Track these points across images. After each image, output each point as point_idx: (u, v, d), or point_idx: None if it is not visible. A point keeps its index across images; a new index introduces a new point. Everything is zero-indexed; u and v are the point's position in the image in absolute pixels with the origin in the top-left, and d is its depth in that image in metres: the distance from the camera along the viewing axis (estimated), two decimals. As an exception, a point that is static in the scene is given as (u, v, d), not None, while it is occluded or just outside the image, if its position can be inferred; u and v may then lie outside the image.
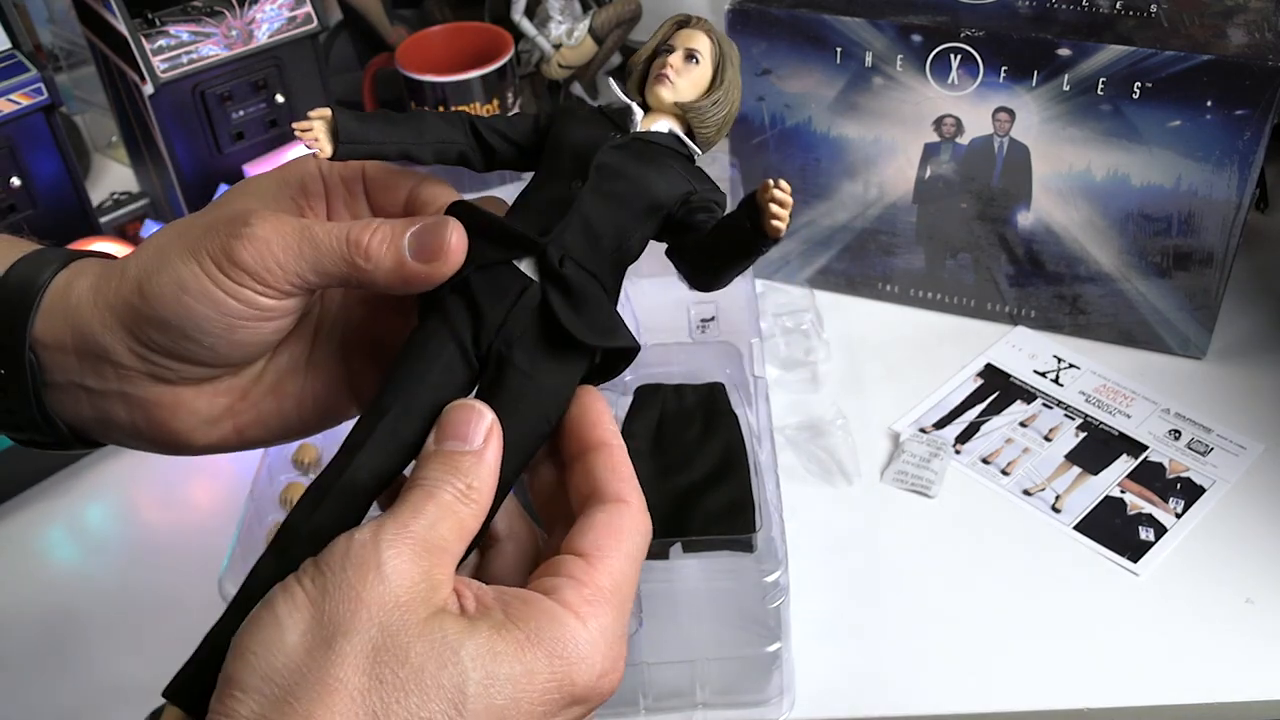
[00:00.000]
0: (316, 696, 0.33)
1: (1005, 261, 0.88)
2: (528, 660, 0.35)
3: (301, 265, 0.40)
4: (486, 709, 0.34)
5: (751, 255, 0.41)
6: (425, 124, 0.43)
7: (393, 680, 0.34)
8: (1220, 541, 0.74)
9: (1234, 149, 0.77)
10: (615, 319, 0.41)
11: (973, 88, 0.81)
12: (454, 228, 0.40)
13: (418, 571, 0.36)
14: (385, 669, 0.34)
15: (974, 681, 0.67)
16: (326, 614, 0.34)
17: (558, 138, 0.43)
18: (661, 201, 0.42)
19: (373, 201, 0.46)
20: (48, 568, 0.77)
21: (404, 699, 0.33)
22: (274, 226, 0.41)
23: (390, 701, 0.33)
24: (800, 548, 0.72)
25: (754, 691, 0.66)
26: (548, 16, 1.06)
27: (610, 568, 0.38)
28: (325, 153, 0.41)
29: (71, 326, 0.43)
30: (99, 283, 0.43)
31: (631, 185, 0.42)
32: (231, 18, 0.89)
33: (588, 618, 0.37)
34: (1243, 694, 0.66)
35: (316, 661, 0.34)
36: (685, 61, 0.43)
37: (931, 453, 0.79)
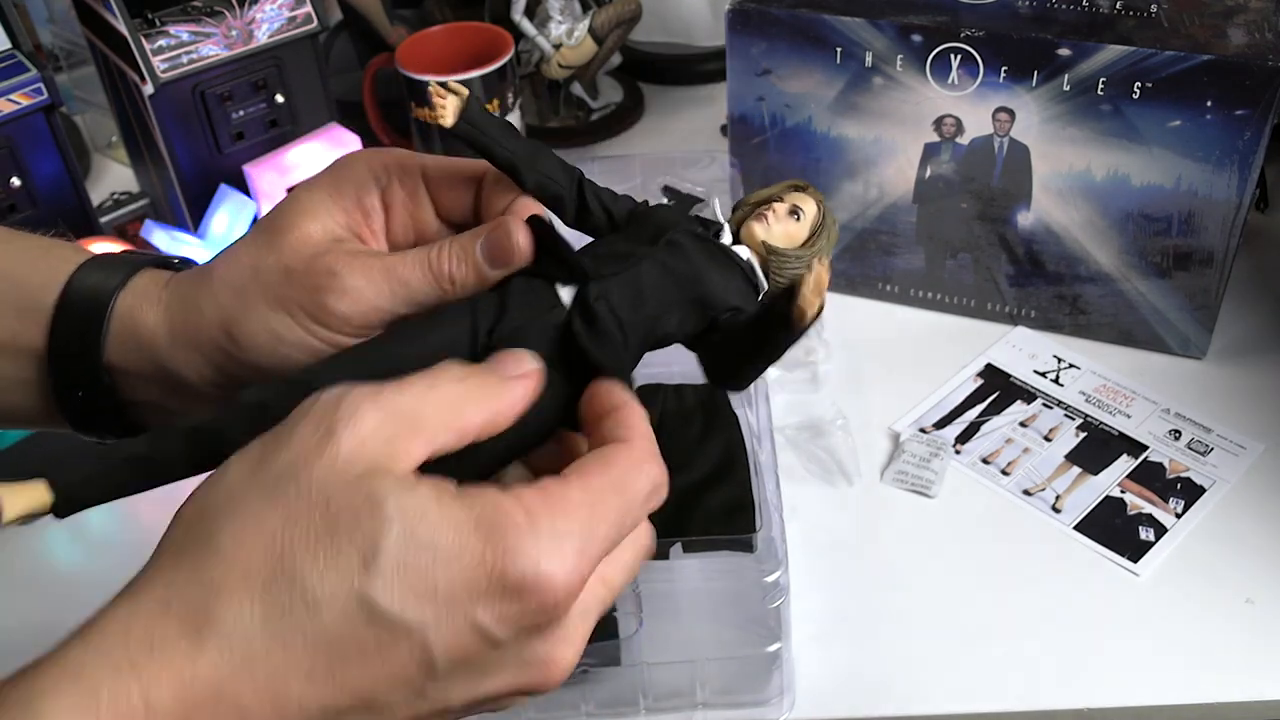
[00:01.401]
0: (229, 523, 0.33)
1: (1005, 261, 0.88)
2: (460, 537, 0.33)
3: (395, 304, 0.42)
4: (398, 568, 0.33)
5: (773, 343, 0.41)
6: (542, 155, 0.45)
7: (307, 524, 0.33)
8: (1220, 541, 0.74)
9: (1234, 149, 0.77)
10: (625, 361, 0.42)
11: (973, 88, 0.81)
12: (519, 229, 0.41)
13: (377, 437, 0.34)
14: (302, 511, 0.33)
15: (974, 681, 0.67)
16: (268, 456, 0.34)
17: (649, 214, 0.45)
18: (713, 301, 0.43)
19: (437, 200, 0.46)
20: (48, 568, 0.77)
21: (314, 544, 0.33)
22: (363, 274, 0.41)
23: (299, 545, 0.33)
24: (800, 548, 0.72)
25: (754, 691, 0.66)
26: (548, 16, 1.06)
27: (587, 484, 0.36)
28: (446, 121, 0.44)
29: (150, 360, 0.43)
30: (172, 317, 0.43)
31: (692, 271, 0.43)
32: (231, 18, 0.89)
33: (539, 516, 0.34)
34: (1243, 694, 0.66)
35: (241, 494, 0.34)
36: (788, 214, 0.45)
37: (931, 453, 0.79)
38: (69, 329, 0.44)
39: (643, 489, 0.38)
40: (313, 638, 0.32)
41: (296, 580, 0.32)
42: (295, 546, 0.33)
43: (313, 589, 0.32)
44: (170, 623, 0.32)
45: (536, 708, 0.66)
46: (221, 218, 0.90)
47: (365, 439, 0.34)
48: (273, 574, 0.32)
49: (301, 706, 0.32)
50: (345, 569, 0.32)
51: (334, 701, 0.33)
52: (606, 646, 0.64)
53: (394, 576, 0.32)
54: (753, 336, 0.42)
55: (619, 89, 1.17)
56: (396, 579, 0.32)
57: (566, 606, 0.35)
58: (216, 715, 0.31)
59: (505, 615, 0.34)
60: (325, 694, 0.32)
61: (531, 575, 0.34)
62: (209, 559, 0.33)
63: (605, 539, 0.36)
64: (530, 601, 0.34)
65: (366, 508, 0.33)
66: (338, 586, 0.32)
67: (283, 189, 0.91)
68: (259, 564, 0.32)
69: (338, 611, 0.32)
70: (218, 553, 0.33)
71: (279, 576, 0.32)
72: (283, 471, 0.34)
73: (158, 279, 0.45)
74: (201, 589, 0.32)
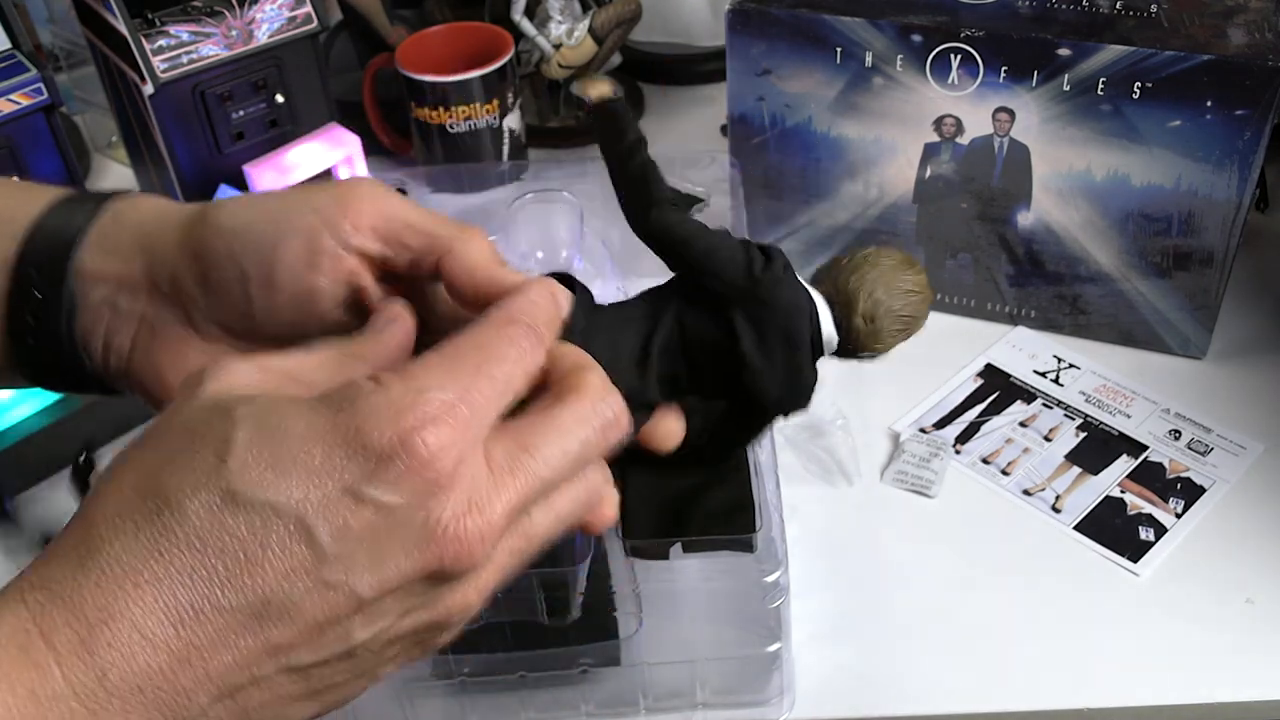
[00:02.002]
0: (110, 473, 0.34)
1: (1005, 261, 0.88)
2: (311, 413, 0.33)
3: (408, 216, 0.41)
4: (252, 456, 0.32)
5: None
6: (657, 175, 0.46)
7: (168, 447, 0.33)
8: (1220, 541, 0.74)
9: (1234, 149, 0.77)
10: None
11: (973, 88, 0.81)
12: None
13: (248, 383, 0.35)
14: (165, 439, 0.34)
15: (974, 681, 0.67)
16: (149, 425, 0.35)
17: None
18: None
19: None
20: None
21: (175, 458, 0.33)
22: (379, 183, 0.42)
23: (163, 464, 0.33)
24: (800, 548, 0.72)
25: (754, 691, 0.66)
26: (548, 16, 1.06)
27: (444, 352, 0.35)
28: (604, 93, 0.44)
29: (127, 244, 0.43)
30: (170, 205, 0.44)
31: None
32: (231, 18, 0.89)
33: (391, 381, 0.34)
34: (1243, 694, 0.66)
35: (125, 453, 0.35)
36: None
37: (931, 453, 0.79)
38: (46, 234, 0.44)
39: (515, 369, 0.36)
40: (184, 540, 0.32)
41: (159, 492, 0.33)
42: (160, 464, 0.33)
43: (174, 494, 0.32)
44: (57, 561, 0.33)
45: (536, 708, 0.66)
46: (221, 218, 0.90)
47: (234, 380, 0.35)
48: (139, 492, 0.33)
49: (195, 611, 0.32)
50: (202, 468, 0.32)
51: (226, 601, 0.32)
52: (606, 646, 0.64)
53: (249, 462, 0.32)
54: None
55: (619, 89, 1.17)
56: (252, 464, 0.32)
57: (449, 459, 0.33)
58: (113, 636, 0.31)
59: (382, 478, 0.33)
60: (214, 594, 0.32)
61: (390, 426, 0.33)
62: (88, 503, 0.34)
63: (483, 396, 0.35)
64: (401, 456, 0.33)
65: (219, 414, 0.34)
66: (197, 485, 0.32)
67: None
68: (129, 489, 0.33)
69: (201, 508, 0.32)
70: (96, 495, 0.34)
71: (145, 492, 0.33)
72: (158, 421, 0.35)
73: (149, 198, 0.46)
74: (82, 527, 0.33)
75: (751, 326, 0.43)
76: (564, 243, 0.82)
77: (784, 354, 0.44)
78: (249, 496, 0.32)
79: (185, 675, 0.32)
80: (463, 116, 0.98)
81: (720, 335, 0.43)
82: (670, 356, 0.44)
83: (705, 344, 0.43)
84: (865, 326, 0.47)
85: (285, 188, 0.42)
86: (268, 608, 0.32)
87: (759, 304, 0.43)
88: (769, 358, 0.44)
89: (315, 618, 0.33)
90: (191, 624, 0.32)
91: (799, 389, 0.46)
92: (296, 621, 0.32)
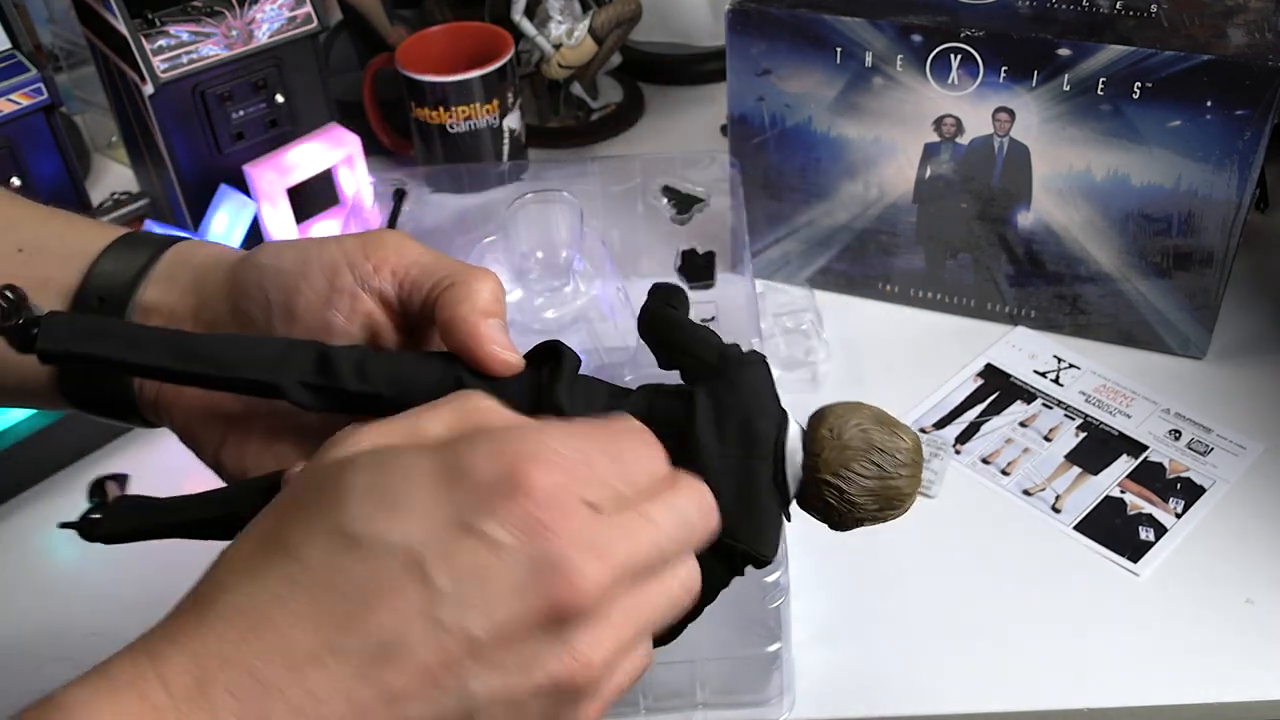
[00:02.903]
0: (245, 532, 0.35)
1: (1005, 261, 0.88)
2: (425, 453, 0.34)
3: (421, 258, 0.42)
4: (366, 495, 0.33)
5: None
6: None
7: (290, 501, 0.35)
8: (1220, 541, 0.74)
9: (1234, 149, 0.77)
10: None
11: (973, 88, 0.81)
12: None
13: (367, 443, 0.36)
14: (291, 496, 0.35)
15: (974, 681, 0.67)
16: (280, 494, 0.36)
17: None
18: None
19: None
20: (48, 568, 0.77)
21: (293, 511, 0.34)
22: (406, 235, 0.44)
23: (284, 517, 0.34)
24: (800, 548, 0.72)
25: (754, 691, 0.66)
26: (548, 16, 1.06)
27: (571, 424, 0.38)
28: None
29: (188, 283, 0.45)
30: (225, 250, 0.46)
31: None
32: (231, 18, 0.89)
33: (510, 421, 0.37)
34: (1243, 694, 0.66)
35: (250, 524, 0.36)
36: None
37: (932, 453, 0.79)
38: (109, 269, 0.45)
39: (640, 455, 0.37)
40: (304, 584, 0.32)
41: (280, 541, 0.33)
42: (281, 517, 0.34)
43: (294, 541, 0.33)
44: (178, 613, 0.33)
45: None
46: (221, 218, 0.90)
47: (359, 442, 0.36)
48: (262, 546, 0.34)
49: (313, 657, 0.31)
50: (319, 513, 0.33)
51: (344, 644, 0.32)
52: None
53: (363, 501, 0.33)
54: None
55: (619, 89, 1.17)
56: (366, 503, 0.33)
57: (561, 499, 0.33)
58: (231, 683, 0.31)
59: (492, 510, 0.32)
60: (332, 638, 0.32)
61: (498, 458, 0.33)
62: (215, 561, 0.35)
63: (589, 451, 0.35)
64: (507, 489, 0.33)
65: (339, 465, 0.34)
66: (315, 530, 0.33)
67: (282, 189, 0.91)
68: (252, 542, 0.34)
69: (320, 552, 0.32)
70: (222, 554, 0.35)
71: (267, 547, 0.33)
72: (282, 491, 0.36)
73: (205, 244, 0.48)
74: (205, 583, 0.34)
75: (711, 405, 0.40)
76: (564, 243, 0.82)
77: (740, 449, 0.40)
78: (363, 533, 0.32)
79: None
80: (463, 116, 0.98)
81: (681, 414, 0.40)
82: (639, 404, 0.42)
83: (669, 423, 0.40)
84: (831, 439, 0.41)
85: (328, 237, 0.44)
86: (384, 650, 0.32)
87: (725, 383, 0.41)
88: (724, 448, 0.40)
89: (429, 661, 0.32)
90: (309, 670, 0.31)
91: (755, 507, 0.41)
92: (411, 665, 0.32)
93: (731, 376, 0.41)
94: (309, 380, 0.40)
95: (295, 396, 0.40)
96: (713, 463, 0.39)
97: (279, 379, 0.40)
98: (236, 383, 0.40)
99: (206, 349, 0.40)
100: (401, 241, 0.43)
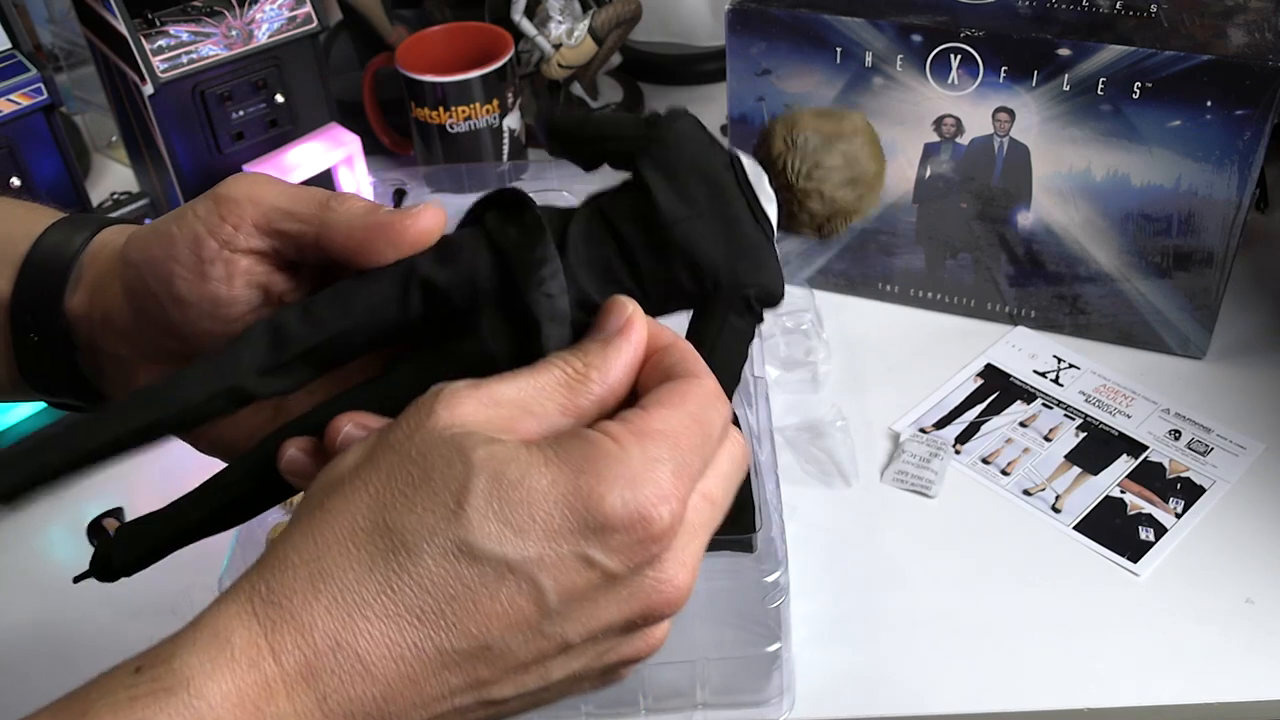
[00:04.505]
0: (338, 489, 0.35)
1: (1005, 261, 0.88)
2: (549, 471, 0.34)
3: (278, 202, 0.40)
4: (491, 510, 0.33)
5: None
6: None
7: (405, 479, 0.34)
8: (1220, 541, 0.74)
9: (1234, 149, 0.77)
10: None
11: (973, 88, 0.81)
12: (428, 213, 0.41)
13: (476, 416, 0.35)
14: (399, 467, 0.34)
15: (974, 681, 0.67)
16: (377, 442, 0.36)
17: None
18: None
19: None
20: (48, 568, 0.77)
21: (410, 494, 0.34)
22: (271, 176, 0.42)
23: (397, 498, 0.34)
24: (800, 548, 0.72)
25: (754, 691, 0.66)
26: (548, 16, 1.06)
27: (666, 416, 0.36)
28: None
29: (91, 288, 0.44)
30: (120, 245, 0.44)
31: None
32: (231, 18, 0.89)
33: (629, 444, 0.35)
34: (1243, 694, 0.66)
35: (352, 469, 0.35)
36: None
37: (931, 453, 0.79)
38: (35, 273, 0.44)
39: (718, 423, 0.38)
40: (416, 582, 0.33)
41: (395, 529, 0.34)
42: (394, 498, 0.34)
43: (410, 535, 0.33)
44: (289, 576, 0.34)
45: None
46: (221, 218, 0.90)
47: (465, 415, 0.35)
48: (374, 525, 0.34)
49: (417, 649, 0.33)
50: (439, 513, 0.33)
51: (449, 644, 0.33)
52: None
53: (488, 515, 0.33)
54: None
55: (619, 89, 1.17)
56: (491, 517, 0.33)
57: (673, 530, 0.35)
58: (337, 664, 0.33)
59: (613, 546, 0.34)
60: (439, 637, 0.33)
61: (632, 503, 0.34)
62: (320, 519, 0.34)
63: (694, 465, 0.36)
64: (636, 531, 0.34)
65: (458, 456, 0.34)
66: (434, 530, 0.33)
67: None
68: (363, 519, 0.34)
69: (436, 552, 0.33)
70: (328, 513, 0.34)
71: (379, 528, 0.34)
72: (389, 444, 0.35)
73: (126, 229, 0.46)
74: (315, 546, 0.34)
75: (660, 174, 0.39)
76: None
77: (707, 196, 0.39)
78: (485, 550, 0.33)
79: (395, 704, 0.33)
80: (463, 116, 0.98)
81: (636, 200, 0.39)
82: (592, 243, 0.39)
83: (628, 217, 0.39)
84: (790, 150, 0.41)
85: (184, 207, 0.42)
86: (486, 652, 0.34)
87: (661, 146, 0.39)
88: (691, 205, 0.39)
89: (523, 660, 0.35)
90: (412, 660, 0.33)
91: (746, 245, 0.40)
92: (507, 662, 0.34)
93: (663, 137, 0.39)
94: (267, 364, 0.39)
95: (263, 390, 0.39)
96: (689, 228, 0.38)
97: (240, 381, 0.39)
98: (206, 412, 0.39)
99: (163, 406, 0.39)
100: (254, 188, 0.41)
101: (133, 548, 0.41)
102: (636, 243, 0.39)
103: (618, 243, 0.39)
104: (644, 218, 0.38)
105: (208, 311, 0.41)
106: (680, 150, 0.39)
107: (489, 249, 0.39)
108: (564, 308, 0.38)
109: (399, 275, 0.39)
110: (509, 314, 0.38)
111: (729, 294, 0.39)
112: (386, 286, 0.39)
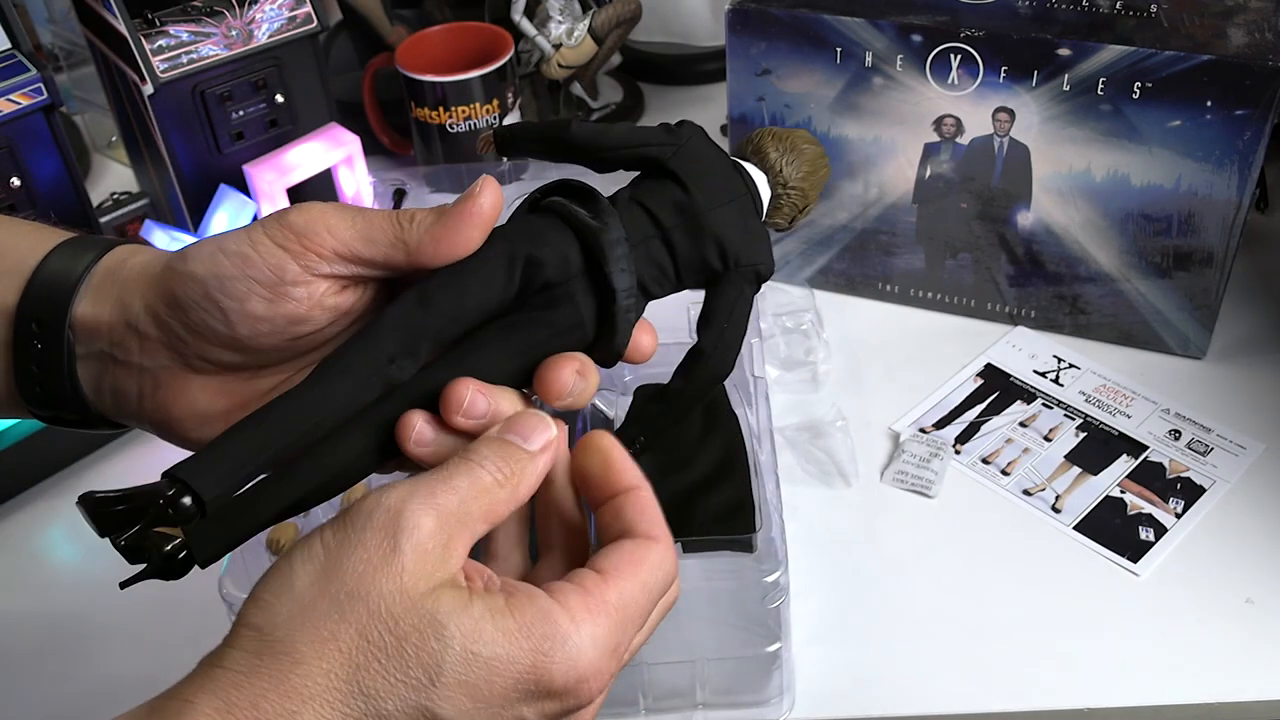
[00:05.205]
0: (310, 642, 0.36)
1: (1005, 261, 0.88)
2: (510, 648, 0.37)
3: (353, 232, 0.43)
4: (459, 684, 0.37)
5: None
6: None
7: (379, 643, 0.36)
8: (1220, 541, 0.74)
9: (1234, 149, 0.77)
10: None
11: (973, 88, 0.81)
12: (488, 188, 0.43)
13: (434, 544, 0.38)
14: (374, 632, 0.36)
15: (974, 681, 0.67)
16: (338, 569, 0.37)
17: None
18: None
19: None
20: (48, 568, 0.77)
21: (385, 661, 0.36)
22: (329, 203, 0.44)
23: (371, 661, 0.36)
24: (800, 548, 0.72)
25: (754, 691, 0.66)
26: (548, 16, 1.06)
27: (621, 588, 0.40)
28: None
29: (114, 298, 0.45)
30: (151, 258, 0.46)
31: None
32: (231, 18, 0.89)
33: (582, 622, 0.38)
34: (1243, 694, 0.66)
35: (312, 605, 0.37)
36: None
37: (931, 453, 0.79)
38: (43, 286, 0.45)
39: (664, 584, 0.42)
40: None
41: (371, 696, 0.36)
42: (370, 664, 0.36)
43: (385, 704, 0.36)
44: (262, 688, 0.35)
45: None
46: (221, 218, 0.90)
47: (425, 549, 0.38)
48: (350, 688, 0.36)
49: None
50: (413, 685, 0.36)
51: None
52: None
53: (455, 689, 0.37)
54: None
55: (619, 89, 1.17)
56: (459, 690, 0.37)
57: (597, 692, 0.39)
58: None
59: (546, 711, 0.39)
60: None
61: (574, 680, 0.38)
62: (290, 669, 0.36)
63: (631, 635, 0.41)
64: (569, 699, 0.39)
65: (431, 629, 0.37)
66: (406, 700, 0.36)
67: (282, 189, 0.91)
68: (337, 677, 0.36)
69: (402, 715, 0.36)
70: (300, 663, 0.36)
71: (355, 692, 0.36)
72: (353, 589, 0.37)
73: (139, 248, 0.48)
74: (287, 699, 0.36)
75: (693, 177, 0.47)
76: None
77: (727, 192, 0.47)
78: (448, 716, 0.37)
79: None
80: (463, 116, 0.98)
81: (673, 193, 0.46)
82: (635, 227, 0.46)
83: (667, 206, 0.46)
84: (787, 160, 0.50)
85: (241, 228, 0.44)
86: None
87: (687, 154, 0.47)
88: (716, 198, 0.47)
89: None
90: None
91: (755, 230, 0.48)
92: None
93: (687, 147, 0.47)
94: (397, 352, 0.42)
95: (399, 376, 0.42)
96: (717, 214, 0.46)
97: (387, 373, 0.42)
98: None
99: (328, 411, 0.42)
100: (326, 218, 0.43)
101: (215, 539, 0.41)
102: (674, 225, 0.46)
103: (657, 226, 0.46)
104: (681, 207, 0.46)
105: (280, 328, 0.44)
106: (703, 159, 0.48)
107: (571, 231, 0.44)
108: (633, 279, 0.45)
109: (503, 256, 0.43)
110: (594, 284, 0.44)
111: (744, 269, 0.47)
112: (495, 267, 0.43)
